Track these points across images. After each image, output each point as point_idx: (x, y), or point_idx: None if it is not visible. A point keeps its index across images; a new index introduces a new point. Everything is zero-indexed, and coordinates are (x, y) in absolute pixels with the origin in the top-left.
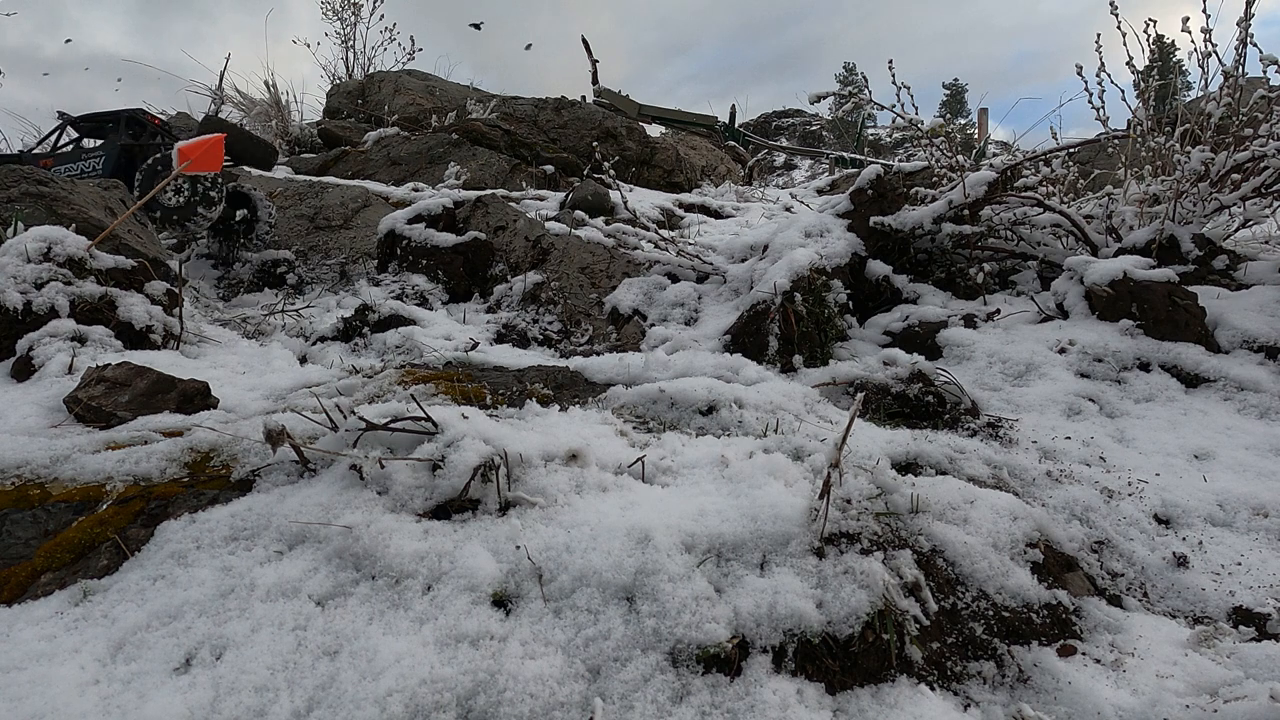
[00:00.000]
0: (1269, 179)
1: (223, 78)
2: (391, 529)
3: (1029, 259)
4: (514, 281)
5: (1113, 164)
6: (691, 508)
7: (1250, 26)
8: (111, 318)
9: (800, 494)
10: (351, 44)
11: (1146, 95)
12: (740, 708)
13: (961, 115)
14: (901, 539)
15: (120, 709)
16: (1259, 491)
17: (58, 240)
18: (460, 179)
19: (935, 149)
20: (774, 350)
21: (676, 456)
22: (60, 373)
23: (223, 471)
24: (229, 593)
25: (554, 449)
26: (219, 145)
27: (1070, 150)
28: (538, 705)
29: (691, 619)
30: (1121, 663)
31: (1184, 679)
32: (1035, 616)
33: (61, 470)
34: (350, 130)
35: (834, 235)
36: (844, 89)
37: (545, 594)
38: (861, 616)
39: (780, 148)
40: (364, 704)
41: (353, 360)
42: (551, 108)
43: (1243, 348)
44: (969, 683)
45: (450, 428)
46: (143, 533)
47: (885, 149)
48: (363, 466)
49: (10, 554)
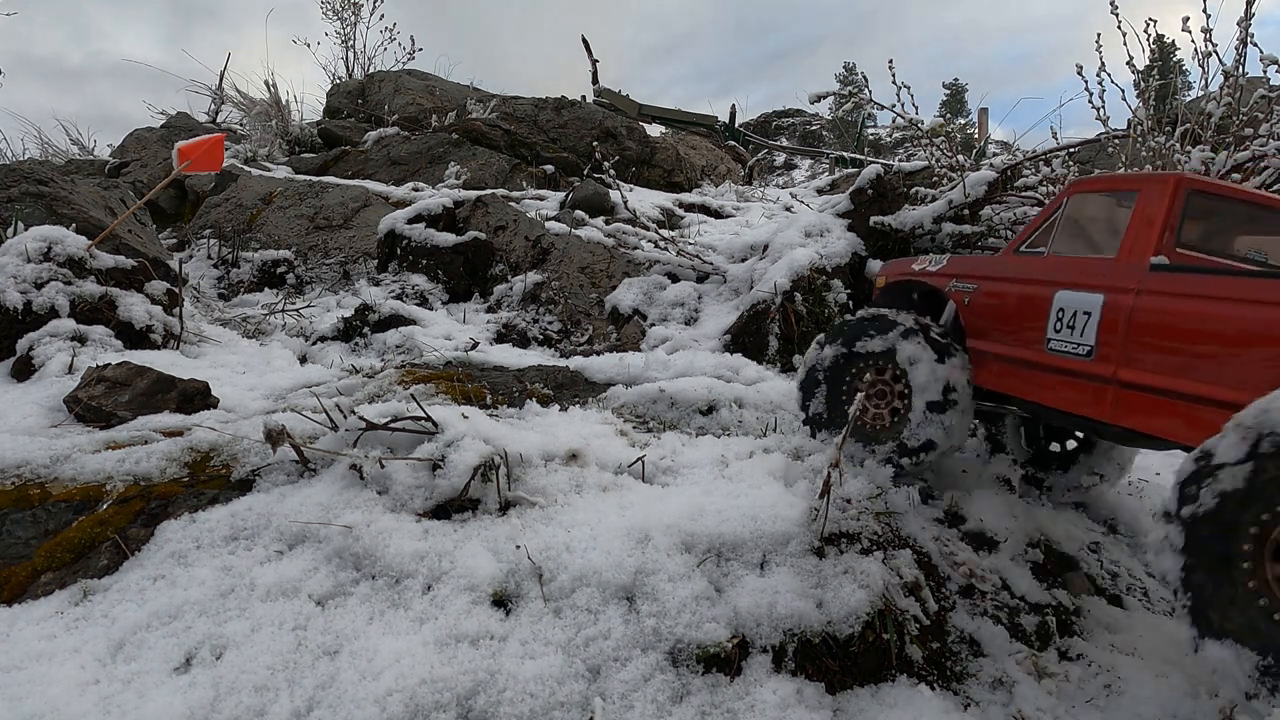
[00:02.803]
0: (1269, 179)
1: (223, 77)
2: (391, 529)
3: None
4: (514, 281)
5: (1113, 164)
6: (691, 507)
7: (1250, 26)
8: (111, 317)
9: (800, 494)
10: (351, 44)
11: (1146, 95)
12: (740, 707)
13: (961, 115)
14: (902, 539)
15: (120, 708)
16: None
17: (58, 240)
18: (460, 179)
19: (935, 149)
20: (774, 350)
21: (676, 456)
22: (60, 372)
23: (223, 471)
24: (229, 592)
25: (554, 449)
26: (219, 145)
27: (1070, 150)
28: (537, 705)
29: (691, 618)
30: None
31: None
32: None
33: (61, 470)
34: (350, 130)
35: (834, 235)
36: (844, 89)
37: (545, 593)
38: (861, 616)
39: (780, 147)
40: (364, 703)
41: (353, 360)
42: (551, 107)
43: None
44: (968, 682)
45: (450, 427)
46: (143, 532)
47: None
48: (363, 466)
49: (10, 554)
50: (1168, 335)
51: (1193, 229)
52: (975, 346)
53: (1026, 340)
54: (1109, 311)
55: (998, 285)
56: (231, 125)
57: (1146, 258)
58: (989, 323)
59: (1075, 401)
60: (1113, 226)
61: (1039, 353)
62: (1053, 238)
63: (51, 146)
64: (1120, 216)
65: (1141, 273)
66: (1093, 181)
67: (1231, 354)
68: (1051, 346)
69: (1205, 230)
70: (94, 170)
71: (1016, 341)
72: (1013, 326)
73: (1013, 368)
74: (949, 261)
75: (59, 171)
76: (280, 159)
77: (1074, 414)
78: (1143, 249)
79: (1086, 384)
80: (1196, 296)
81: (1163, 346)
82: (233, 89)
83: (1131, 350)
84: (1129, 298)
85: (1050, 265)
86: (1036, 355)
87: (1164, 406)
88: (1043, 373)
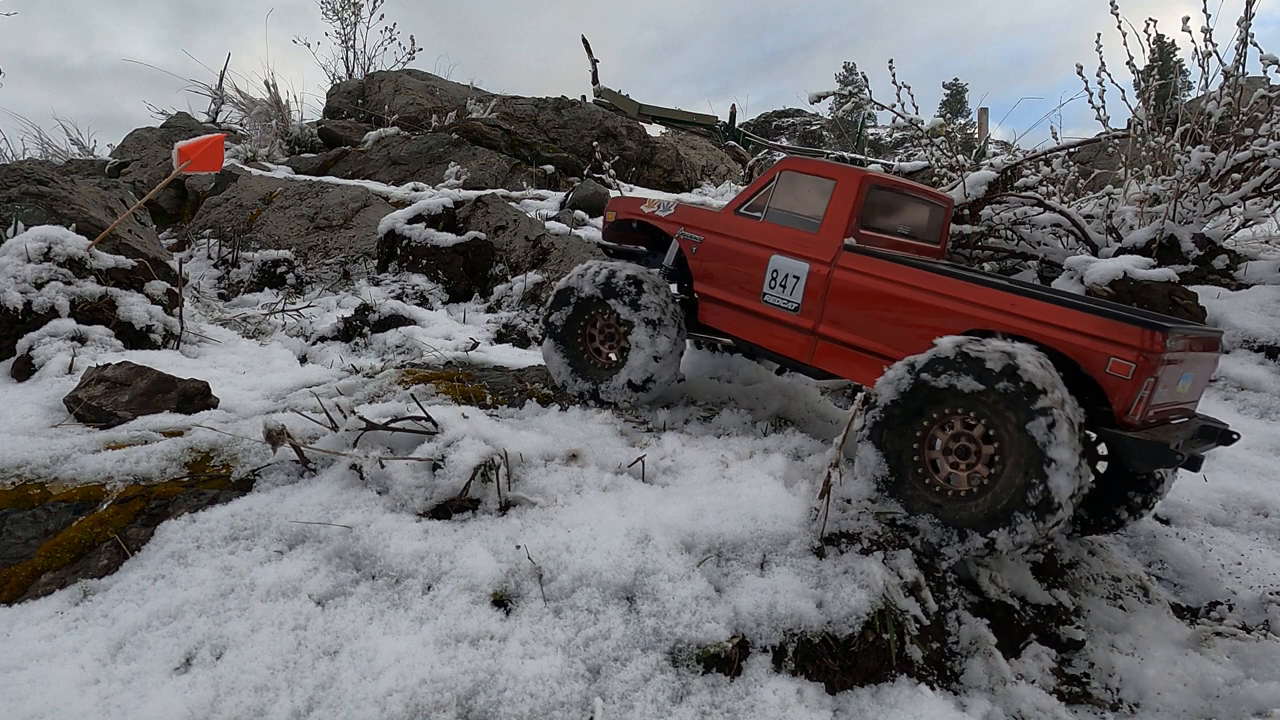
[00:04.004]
0: (1269, 178)
1: (223, 77)
2: (391, 529)
3: (1029, 259)
4: (514, 281)
5: (1113, 164)
6: (691, 507)
7: (1250, 26)
8: (111, 317)
9: (800, 494)
10: (351, 44)
11: (1147, 95)
12: (740, 707)
13: (961, 115)
14: (902, 539)
15: (120, 708)
16: (1260, 491)
17: (58, 240)
18: (460, 179)
19: (935, 149)
20: None
21: (676, 456)
22: (60, 372)
23: (223, 471)
24: (229, 592)
25: (554, 449)
26: (219, 145)
27: (1070, 150)
28: (538, 705)
29: (691, 619)
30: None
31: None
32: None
33: (61, 470)
34: (350, 130)
35: None
36: (844, 89)
37: (545, 593)
38: (861, 616)
39: (780, 147)
40: (364, 704)
41: (353, 360)
42: (551, 107)
43: (1243, 347)
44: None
45: (450, 427)
46: (143, 532)
47: (885, 149)
48: (363, 466)
49: (10, 554)
50: (853, 303)
51: (871, 214)
52: (702, 290)
53: (747, 292)
54: (812, 279)
55: (724, 241)
56: (231, 125)
57: (840, 238)
58: (714, 272)
59: (784, 346)
60: (816, 206)
61: (757, 303)
62: (768, 206)
63: (51, 146)
64: (822, 199)
65: (836, 250)
66: (801, 163)
67: (894, 322)
68: (767, 299)
69: (879, 214)
70: (94, 170)
71: (738, 292)
72: (736, 278)
73: (734, 313)
74: (676, 209)
75: (59, 171)
76: (280, 159)
77: (782, 355)
78: (838, 230)
79: (794, 333)
80: (874, 276)
81: (849, 311)
82: (233, 89)
83: (827, 311)
84: (826, 269)
85: (767, 231)
86: (755, 305)
87: (849, 356)
88: (759, 320)
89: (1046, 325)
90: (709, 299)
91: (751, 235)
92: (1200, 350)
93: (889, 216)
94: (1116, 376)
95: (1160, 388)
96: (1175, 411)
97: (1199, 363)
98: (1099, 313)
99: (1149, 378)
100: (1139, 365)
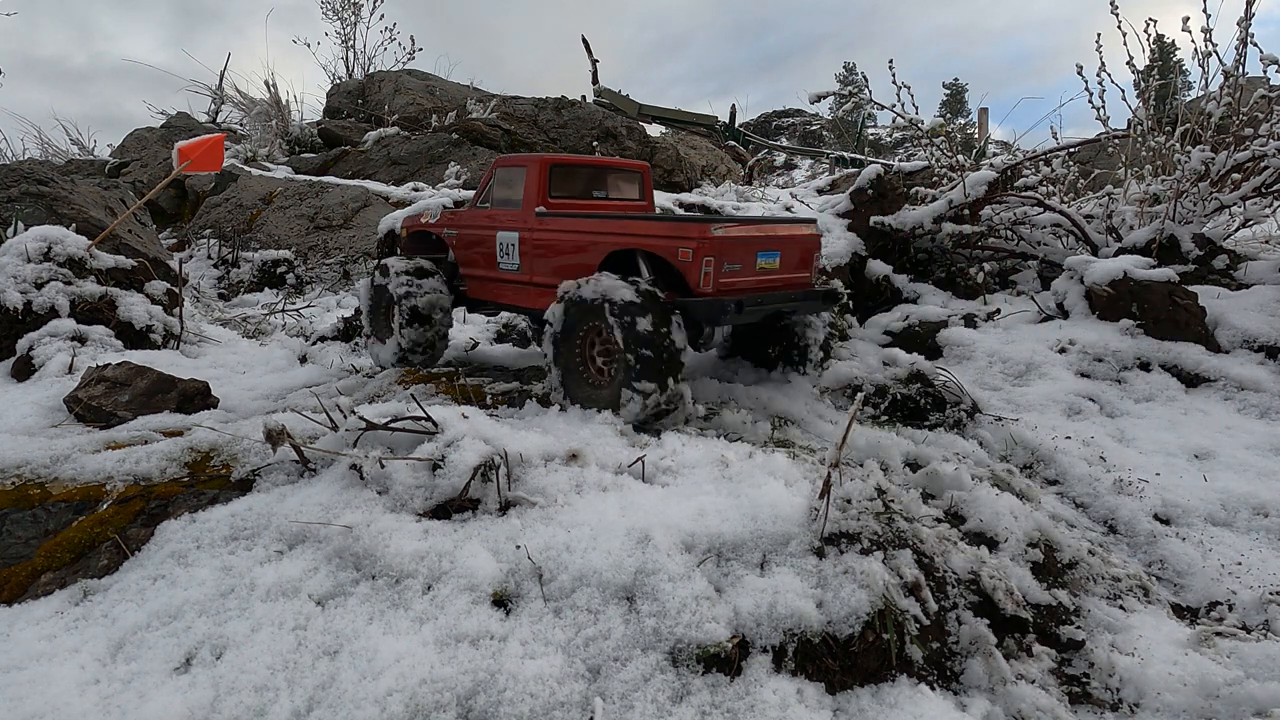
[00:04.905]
0: (1269, 178)
1: (223, 78)
2: (391, 529)
3: (1029, 259)
4: None
5: (1113, 164)
6: (691, 507)
7: (1250, 26)
8: (111, 317)
9: (800, 494)
10: (351, 44)
11: (1146, 95)
12: (740, 707)
13: (961, 115)
14: (902, 538)
15: (120, 708)
16: (1260, 491)
17: (58, 240)
18: (460, 179)
19: (935, 149)
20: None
21: (676, 456)
22: (60, 372)
23: (223, 471)
24: (229, 592)
25: (554, 449)
26: (219, 145)
27: (1070, 150)
28: (538, 705)
29: (691, 619)
30: None
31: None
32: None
33: (61, 470)
34: (350, 130)
35: (834, 235)
36: (844, 89)
37: (545, 594)
38: (862, 616)
39: (780, 147)
40: (364, 704)
41: (353, 360)
42: (551, 107)
43: (1243, 347)
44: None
45: (450, 427)
46: (143, 532)
47: (885, 149)
48: (363, 466)
49: (10, 554)
50: (544, 253)
51: (559, 185)
52: (465, 273)
53: (488, 265)
54: (522, 243)
55: (467, 231)
56: (231, 125)
57: (534, 208)
58: (468, 256)
59: (516, 299)
60: (517, 189)
61: (496, 271)
62: (491, 196)
63: (52, 146)
64: (520, 182)
65: (532, 218)
66: (507, 159)
67: (568, 259)
68: (500, 267)
69: (568, 185)
70: (94, 170)
71: (483, 266)
72: (480, 257)
73: (485, 283)
74: (441, 215)
75: (59, 171)
76: (280, 159)
77: (519, 307)
78: (530, 203)
79: (520, 288)
80: (551, 230)
81: (544, 260)
82: (233, 89)
83: (533, 264)
84: (529, 233)
85: (493, 215)
86: (495, 274)
87: (546, 294)
88: (499, 284)
89: (646, 237)
90: (469, 277)
91: (483, 221)
92: (772, 234)
93: (579, 185)
94: (683, 261)
95: (726, 264)
96: (777, 284)
97: (785, 244)
98: (671, 221)
99: (706, 257)
100: (695, 249)
